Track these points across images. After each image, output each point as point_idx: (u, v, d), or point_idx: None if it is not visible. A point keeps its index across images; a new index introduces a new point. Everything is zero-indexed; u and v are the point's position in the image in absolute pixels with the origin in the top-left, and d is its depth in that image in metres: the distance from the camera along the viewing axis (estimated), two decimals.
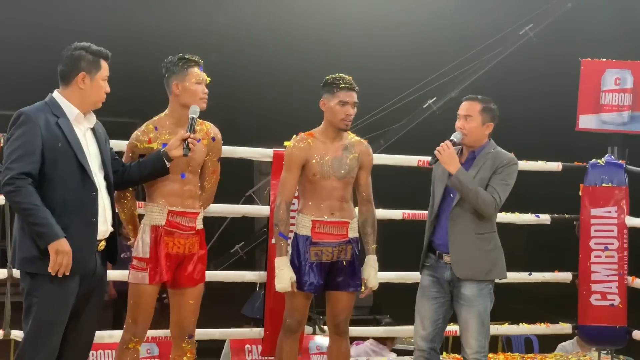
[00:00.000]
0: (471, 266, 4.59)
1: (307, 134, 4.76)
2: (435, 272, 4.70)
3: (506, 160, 4.66)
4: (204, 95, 4.39)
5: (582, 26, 10.87)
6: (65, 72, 3.92)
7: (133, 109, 10.09)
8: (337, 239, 4.71)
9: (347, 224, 4.73)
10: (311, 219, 4.69)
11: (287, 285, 4.63)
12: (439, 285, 4.69)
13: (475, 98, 4.73)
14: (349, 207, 4.77)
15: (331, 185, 4.68)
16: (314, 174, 4.67)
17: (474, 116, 4.65)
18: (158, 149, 4.31)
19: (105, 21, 10.80)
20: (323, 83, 4.73)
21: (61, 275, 3.72)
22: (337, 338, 4.84)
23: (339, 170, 4.69)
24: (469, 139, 4.66)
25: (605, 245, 6.16)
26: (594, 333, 6.21)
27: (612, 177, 6.18)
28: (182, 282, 4.42)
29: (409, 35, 11.63)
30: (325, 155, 4.68)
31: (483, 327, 4.61)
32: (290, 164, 4.73)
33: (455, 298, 4.66)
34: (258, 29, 11.82)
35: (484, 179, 4.59)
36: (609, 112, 6.47)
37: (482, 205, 4.53)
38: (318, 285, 4.71)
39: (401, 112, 10.67)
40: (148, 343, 5.35)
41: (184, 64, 4.37)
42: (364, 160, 4.82)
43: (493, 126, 4.71)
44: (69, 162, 3.80)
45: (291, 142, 4.77)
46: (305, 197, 4.75)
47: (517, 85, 11.66)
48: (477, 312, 4.60)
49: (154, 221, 4.35)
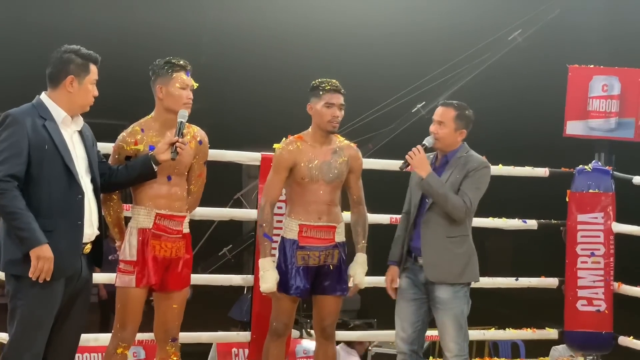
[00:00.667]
0: (442, 269, 4.62)
1: (297, 137, 4.77)
2: (412, 274, 4.73)
3: (477, 164, 4.68)
4: (187, 100, 4.35)
5: (570, 32, 10.91)
6: (54, 75, 3.90)
7: (121, 111, 10.07)
8: (324, 243, 4.71)
9: (334, 228, 4.74)
10: (298, 223, 4.69)
11: (272, 285, 4.63)
12: (416, 287, 4.72)
13: (451, 104, 4.75)
14: (336, 211, 4.78)
15: (319, 189, 4.68)
16: (302, 178, 4.67)
17: (446, 122, 4.68)
18: (145, 150, 4.30)
19: (94, 23, 10.79)
20: (310, 88, 4.74)
21: (42, 280, 3.71)
22: (324, 342, 4.85)
23: (327, 174, 4.69)
24: (441, 144, 4.69)
25: (592, 251, 6.18)
26: (580, 338, 6.24)
27: (599, 183, 6.21)
28: (168, 285, 4.40)
29: (398, 39, 11.66)
30: (314, 159, 4.69)
31: (461, 330, 4.63)
32: (278, 166, 4.73)
33: (431, 302, 4.69)
34: (248, 33, 11.82)
35: (455, 183, 4.61)
36: (596, 119, 6.49)
37: (452, 209, 4.56)
38: (304, 290, 4.71)
39: (390, 116, 10.69)
40: (135, 346, 5.32)
41: (169, 68, 4.36)
42: (353, 165, 4.82)
43: (466, 133, 4.73)
44: (55, 164, 3.78)
45: (280, 145, 4.77)
46: (293, 200, 4.76)
47: (505, 90, 11.71)
48: (453, 315, 4.61)
49: (141, 224, 4.34)
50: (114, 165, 4.33)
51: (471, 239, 4.74)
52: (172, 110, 4.35)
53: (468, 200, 4.58)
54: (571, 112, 6.55)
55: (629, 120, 6.44)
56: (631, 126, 6.42)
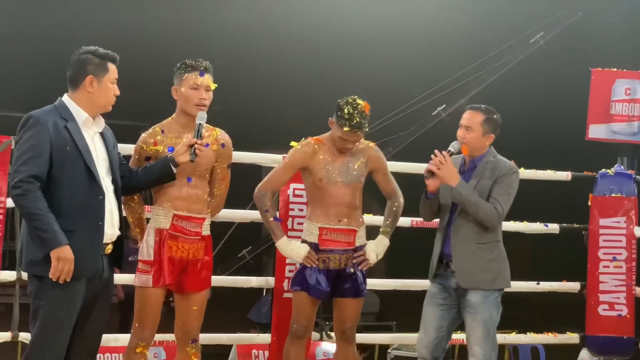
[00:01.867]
0: (474, 276, 4.58)
1: (315, 140, 4.76)
2: (443, 280, 4.70)
3: (506, 170, 4.64)
4: (199, 101, 4.33)
5: (592, 35, 10.84)
6: (74, 76, 3.93)
7: (143, 112, 10.11)
8: (344, 246, 4.71)
9: (355, 232, 4.73)
10: (318, 226, 4.69)
11: (305, 250, 4.66)
12: (447, 292, 4.69)
13: (479, 108, 4.71)
14: (357, 214, 4.77)
15: (338, 191, 4.68)
16: (319, 179, 4.67)
17: (474, 127, 4.63)
18: (164, 152, 4.32)
19: (114, 25, 10.83)
20: (336, 107, 4.63)
21: (62, 281, 3.73)
22: (344, 344, 4.85)
23: (345, 176, 4.68)
24: (468, 148, 4.65)
25: (614, 256, 6.14)
26: (601, 343, 6.20)
27: (622, 187, 6.17)
28: (186, 287, 4.41)
29: (418, 42, 11.62)
30: (331, 161, 4.68)
31: (489, 335, 4.59)
32: (288, 164, 4.75)
33: (462, 305, 4.65)
34: (268, 35, 11.83)
35: (484, 189, 4.58)
36: (619, 122, 6.45)
37: (484, 217, 4.52)
38: (325, 292, 4.71)
39: (410, 119, 10.65)
40: (155, 347, 5.35)
41: (181, 69, 4.37)
42: (374, 165, 4.81)
43: (494, 137, 4.69)
44: (76, 165, 3.81)
45: (298, 145, 4.77)
46: (313, 203, 4.76)
47: (526, 93, 11.65)
48: (482, 320, 4.58)
49: (158, 224, 4.36)
50: (133, 167, 4.34)
51: (502, 245, 4.71)
52: (186, 111, 4.36)
53: (500, 207, 4.55)
54: (594, 116, 6.51)
55: None
56: None
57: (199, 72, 4.36)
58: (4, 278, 5.16)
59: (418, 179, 4.99)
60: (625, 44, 10.31)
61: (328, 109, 4.76)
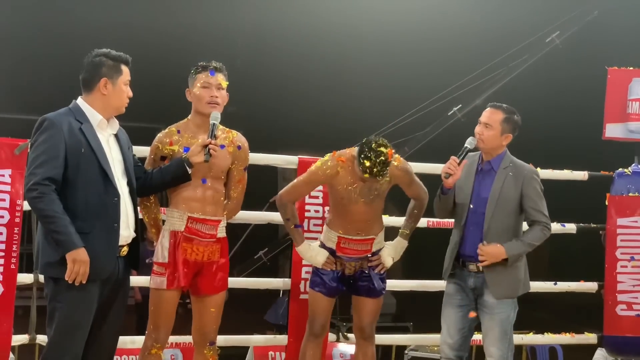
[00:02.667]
0: (506, 287, 4.59)
1: (339, 160, 4.67)
2: (460, 280, 4.67)
3: (529, 174, 4.63)
4: (210, 99, 4.37)
5: (609, 34, 10.79)
6: (87, 79, 3.95)
7: (157, 114, 10.13)
8: (361, 254, 4.74)
9: (373, 240, 4.76)
10: (337, 235, 4.71)
11: (324, 257, 4.70)
12: (464, 292, 4.67)
13: (500, 107, 4.68)
14: (376, 223, 4.78)
15: (360, 209, 4.68)
16: (341, 198, 4.67)
17: (493, 125, 4.61)
18: (179, 152, 4.33)
19: (130, 27, 10.86)
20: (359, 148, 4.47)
21: (78, 283, 3.73)
22: (363, 343, 4.87)
23: (367, 197, 4.67)
24: (484, 145, 4.63)
25: (632, 255, 6.10)
26: (619, 343, 6.16)
27: (639, 187, 6.13)
28: (202, 289, 4.42)
29: (434, 42, 11.60)
30: (353, 182, 4.64)
31: (505, 336, 4.58)
32: (311, 180, 4.75)
33: (479, 306, 4.64)
34: (283, 36, 11.83)
35: (510, 199, 4.56)
36: (636, 121, 6.40)
37: (543, 240, 4.59)
38: (339, 289, 4.78)
39: (426, 119, 10.61)
40: (172, 349, 5.35)
41: (193, 71, 4.43)
42: (398, 181, 4.74)
43: (512, 138, 4.66)
44: (91, 167, 3.83)
45: (321, 162, 4.70)
46: (335, 213, 4.79)
47: (543, 93, 11.60)
48: (499, 320, 4.56)
49: (173, 226, 4.36)
50: (149, 169, 4.35)
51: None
52: (199, 111, 4.38)
53: (545, 218, 4.60)
54: (610, 115, 6.47)
55: None
56: None
57: (209, 71, 4.40)
58: (21, 280, 5.17)
59: (434, 179, 4.97)
60: None
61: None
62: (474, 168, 4.67)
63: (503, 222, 4.55)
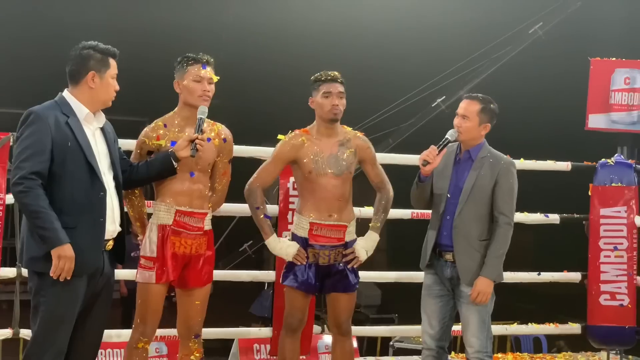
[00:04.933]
0: (477, 273, 4.58)
1: (302, 131, 4.74)
2: (437, 270, 4.70)
3: (506, 165, 4.65)
4: (202, 93, 4.35)
5: (591, 25, 10.83)
6: (75, 72, 3.91)
7: (143, 108, 10.11)
8: (333, 242, 4.70)
9: (345, 227, 4.72)
10: (309, 221, 4.68)
11: (294, 249, 4.66)
12: (442, 283, 4.69)
13: (476, 97, 4.70)
14: (347, 207, 4.75)
15: (329, 183, 4.66)
16: (309, 172, 4.65)
17: (471, 117, 4.63)
18: (166, 146, 4.32)
19: (114, 20, 10.82)
20: (310, 83, 4.72)
21: (63, 279, 3.72)
22: (341, 338, 4.85)
23: (335, 167, 4.66)
24: (464, 137, 4.65)
25: (615, 245, 6.14)
26: (603, 333, 6.20)
27: (622, 177, 6.17)
28: (189, 282, 4.42)
29: (418, 34, 11.61)
30: (320, 152, 4.66)
31: (484, 325, 4.60)
32: (277, 158, 4.73)
33: (456, 296, 4.66)
34: (268, 28, 11.82)
35: (484, 188, 4.58)
36: (618, 112, 6.44)
37: (509, 239, 4.59)
38: (313, 286, 4.71)
39: (410, 110, 10.65)
40: (157, 342, 5.35)
41: (183, 63, 4.38)
42: (363, 154, 4.79)
43: (490, 127, 4.68)
44: (78, 161, 3.80)
45: (285, 137, 4.75)
46: (304, 196, 4.74)
47: (526, 84, 11.64)
48: (476, 310, 4.58)
49: (161, 220, 4.35)
50: (135, 162, 4.34)
51: None
52: (190, 104, 4.37)
53: (508, 220, 4.59)
54: (593, 106, 6.50)
55: None
56: None
57: (201, 64, 4.37)
58: (4, 275, 5.16)
59: (418, 171, 4.98)
60: (624, 33, 10.30)
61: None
62: (452, 158, 4.69)
63: (476, 210, 4.57)
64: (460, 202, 4.59)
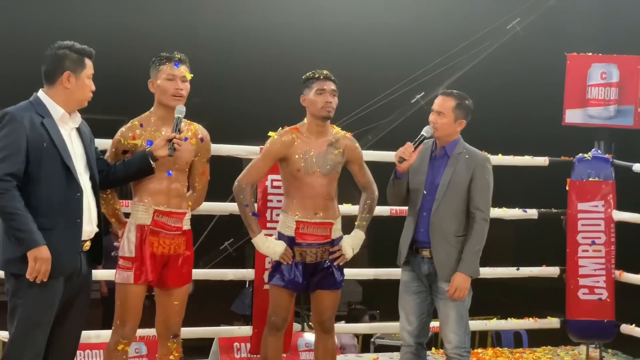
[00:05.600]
0: (454, 269, 4.60)
1: (293, 128, 4.75)
2: (415, 267, 4.71)
3: (481, 161, 4.66)
4: (175, 91, 4.33)
5: (568, 20, 10.89)
6: (50, 72, 3.89)
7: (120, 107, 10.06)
8: (320, 240, 4.71)
9: (331, 225, 4.73)
10: (295, 220, 4.68)
11: (281, 248, 4.65)
12: (419, 280, 4.71)
13: (450, 94, 4.72)
14: (333, 206, 4.76)
15: (316, 182, 4.67)
16: (297, 169, 4.66)
17: (446, 113, 4.65)
18: (142, 145, 4.30)
19: (92, 20, 10.77)
20: (302, 81, 4.74)
21: (39, 281, 3.71)
22: (323, 335, 4.85)
23: (324, 166, 4.68)
24: (440, 133, 4.66)
25: (593, 240, 6.18)
26: (582, 327, 6.24)
27: (599, 172, 6.21)
28: (167, 282, 4.40)
29: (396, 30, 11.63)
30: (309, 150, 4.67)
31: (462, 320, 4.62)
32: (267, 154, 4.72)
33: (434, 293, 4.68)
34: (246, 26, 11.79)
35: (460, 183, 4.60)
36: (595, 107, 6.48)
37: (485, 234, 4.60)
38: (300, 284, 4.71)
39: (389, 107, 10.66)
40: (136, 342, 5.34)
41: (156, 62, 4.38)
42: (350, 155, 4.81)
43: (465, 123, 4.70)
44: (54, 162, 3.78)
45: (275, 134, 4.76)
46: (290, 194, 4.74)
47: (504, 79, 11.67)
48: (454, 306, 4.60)
49: (139, 220, 4.34)
50: (112, 162, 4.33)
51: None
52: (164, 103, 4.36)
53: (485, 215, 4.59)
54: (570, 101, 6.54)
55: (628, 107, 6.43)
56: (630, 113, 6.41)
57: (174, 63, 4.36)
58: None
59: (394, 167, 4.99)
60: (601, 28, 10.36)
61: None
62: (428, 154, 4.71)
63: (452, 207, 4.59)
64: (437, 199, 4.60)
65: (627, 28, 10.30)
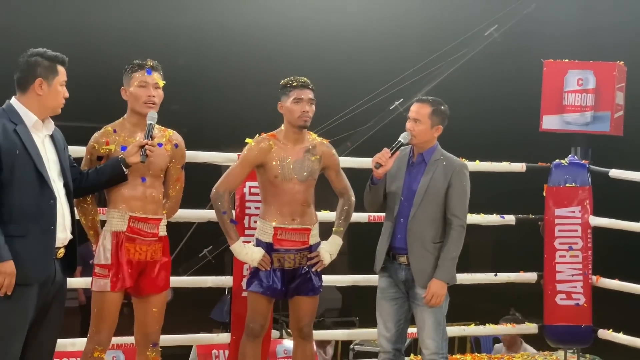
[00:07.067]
0: (431, 275, 4.60)
1: (270, 135, 4.75)
2: (392, 273, 4.72)
3: (459, 167, 4.68)
4: (147, 98, 4.32)
5: (545, 27, 10.96)
6: (22, 79, 3.87)
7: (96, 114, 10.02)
8: (298, 245, 4.71)
9: (309, 230, 4.73)
10: (273, 226, 4.68)
11: (259, 255, 4.65)
12: (396, 286, 4.71)
13: (426, 100, 4.74)
14: (310, 211, 4.76)
15: (293, 188, 4.67)
16: (275, 176, 4.66)
17: (422, 120, 4.66)
18: (117, 151, 4.29)
19: (69, 26, 10.72)
20: (279, 87, 4.73)
21: (2, 294, 3.68)
22: (302, 342, 4.85)
23: (301, 173, 4.68)
24: (417, 140, 4.68)
25: (570, 245, 6.20)
26: (559, 332, 6.26)
27: (576, 177, 6.23)
28: (145, 289, 4.38)
29: (375, 37, 11.67)
30: (286, 157, 4.68)
31: (439, 326, 4.63)
32: (245, 161, 4.72)
33: (411, 299, 4.69)
34: (225, 34, 11.80)
35: (438, 190, 4.61)
36: (572, 113, 6.50)
37: (462, 241, 4.63)
38: (279, 291, 4.71)
39: (368, 114, 10.69)
40: (114, 350, 5.30)
41: (128, 70, 4.37)
42: (327, 162, 4.82)
43: (442, 129, 4.72)
44: (26, 169, 3.75)
45: (252, 141, 4.76)
46: (267, 201, 4.74)
47: (482, 86, 11.74)
48: (431, 312, 4.61)
49: (114, 227, 4.31)
50: (85, 169, 4.30)
51: None
52: (136, 111, 4.35)
53: (461, 222, 4.62)
54: (547, 107, 6.56)
55: (604, 113, 6.45)
56: (607, 119, 6.44)
57: (146, 70, 4.35)
58: None
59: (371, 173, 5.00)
60: (577, 35, 10.42)
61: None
62: (405, 161, 4.72)
63: (429, 213, 4.61)
64: (414, 205, 4.61)
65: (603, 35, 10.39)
